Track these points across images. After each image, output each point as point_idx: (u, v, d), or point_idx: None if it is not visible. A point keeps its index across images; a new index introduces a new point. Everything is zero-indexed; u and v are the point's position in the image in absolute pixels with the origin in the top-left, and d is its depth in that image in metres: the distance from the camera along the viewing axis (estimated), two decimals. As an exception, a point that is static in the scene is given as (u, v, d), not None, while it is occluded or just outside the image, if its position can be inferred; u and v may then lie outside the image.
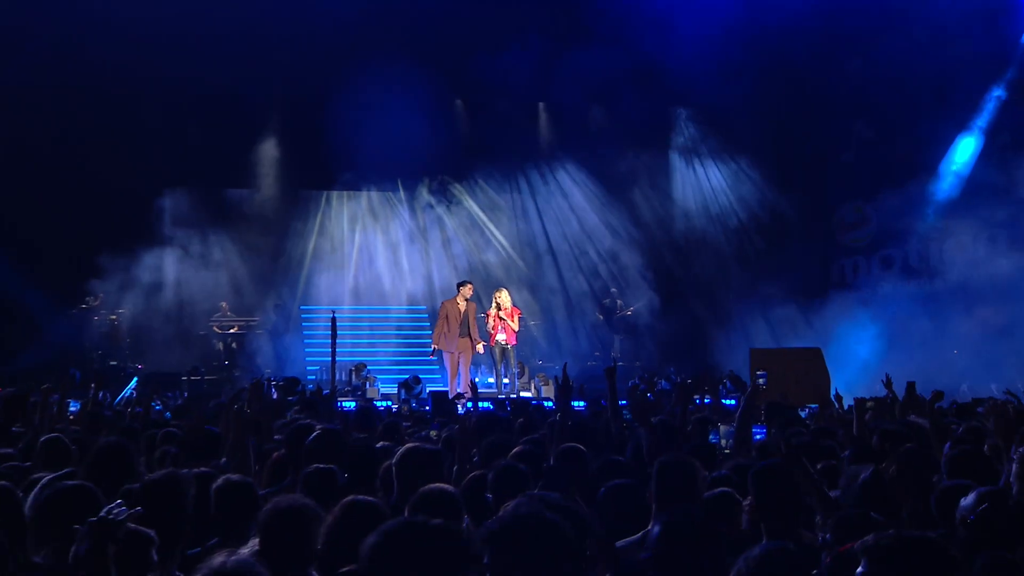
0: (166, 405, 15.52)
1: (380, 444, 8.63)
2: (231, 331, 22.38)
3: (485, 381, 21.02)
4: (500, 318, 20.03)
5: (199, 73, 21.45)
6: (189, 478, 6.19)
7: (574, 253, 24.75)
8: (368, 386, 20.22)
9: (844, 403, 11.77)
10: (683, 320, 23.78)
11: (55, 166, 21.37)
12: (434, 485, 5.82)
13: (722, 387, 17.88)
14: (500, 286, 21.21)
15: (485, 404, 17.23)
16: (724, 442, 8.85)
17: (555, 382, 9.49)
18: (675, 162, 25.35)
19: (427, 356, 22.69)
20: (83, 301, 22.08)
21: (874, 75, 23.06)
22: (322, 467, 6.53)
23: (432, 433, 9.91)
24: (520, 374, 20.99)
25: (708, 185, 25.08)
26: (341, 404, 16.30)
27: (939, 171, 24.32)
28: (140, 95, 21.71)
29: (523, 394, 19.96)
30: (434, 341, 19.94)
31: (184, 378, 20.70)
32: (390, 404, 16.77)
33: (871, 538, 3.97)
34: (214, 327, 22.44)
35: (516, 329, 20.32)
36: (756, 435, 8.61)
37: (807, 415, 12.27)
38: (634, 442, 8.69)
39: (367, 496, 6.16)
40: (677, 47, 22.01)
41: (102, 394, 15.74)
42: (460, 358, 19.91)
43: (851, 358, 19.57)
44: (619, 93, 23.60)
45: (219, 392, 16.83)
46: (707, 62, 22.11)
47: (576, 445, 7.24)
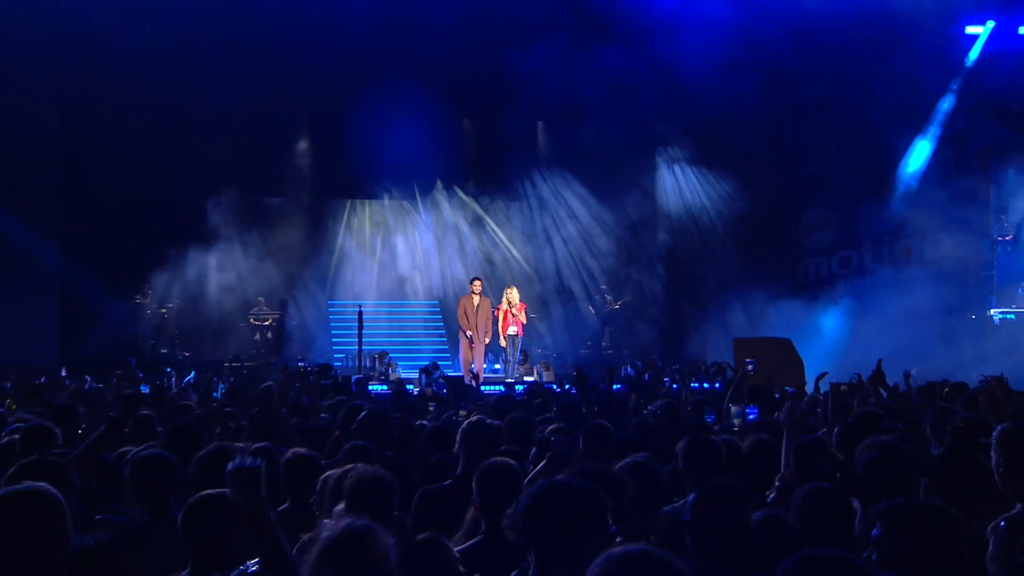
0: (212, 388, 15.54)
1: (418, 423, 8.78)
2: (267, 323, 22.40)
3: (492, 367, 21.18)
4: (512, 313, 20.27)
5: (239, 95, 21.62)
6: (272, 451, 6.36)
7: (569, 252, 24.70)
8: (390, 372, 20.27)
9: (820, 388, 11.84)
10: (668, 313, 23.87)
11: (117, 177, 21.37)
12: (498, 459, 5.67)
13: (703, 373, 17.96)
14: (510, 284, 21.42)
15: (498, 388, 17.51)
16: (738, 422, 8.87)
17: (576, 371, 9.57)
18: (659, 171, 25.25)
19: (443, 344, 22.98)
20: (136, 296, 22.11)
21: (835, 95, 23.13)
22: (359, 443, 6.58)
23: (461, 412, 9.93)
24: (523, 361, 21.09)
25: (689, 193, 24.95)
26: (370, 387, 16.45)
27: (893, 181, 24.45)
28: (190, 114, 21.80)
29: (526, 378, 20.03)
30: (469, 329, 20.20)
31: (226, 365, 20.80)
32: (412, 387, 16.79)
33: (884, 504, 3.97)
34: (252, 319, 22.47)
35: (524, 322, 20.56)
36: (749, 415, 8.69)
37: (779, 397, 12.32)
38: (638, 420, 8.83)
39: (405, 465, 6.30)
40: (661, 72, 22.10)
41: (164, 380, 15.92)
42: (474, 346, 20.14)
43: (816, 346, 19.67)
44: (608, 112, 23.62)
45: (262, 377, 16.85)
46: (687, 85, 22.18)
47: (604, 423, 7.29)
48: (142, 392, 10.50)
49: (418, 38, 22.63)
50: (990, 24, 24.18)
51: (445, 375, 18.78)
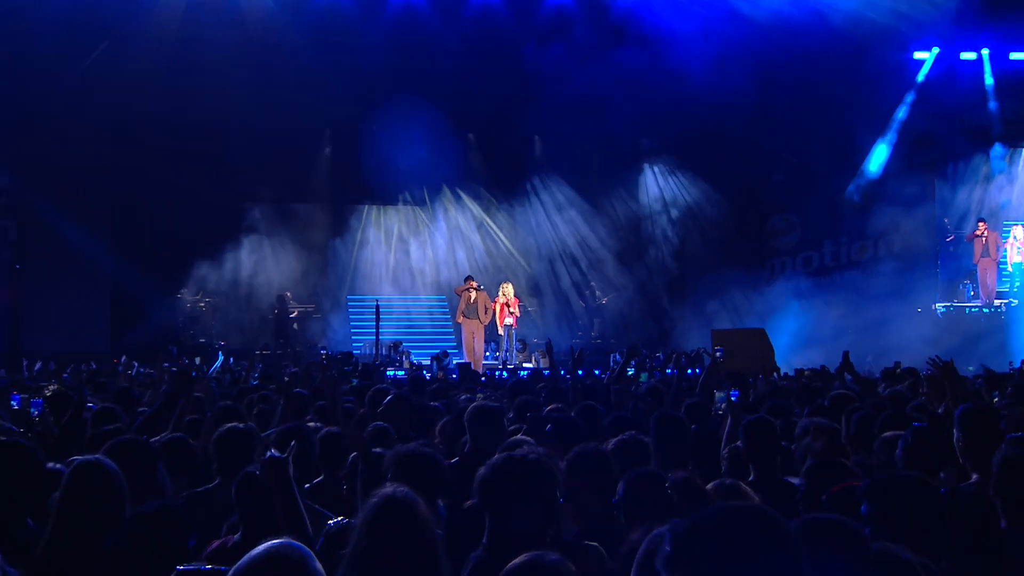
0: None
1: (433, 403, 8.75)
2: (293, 315, 22.37)
3: (493, 354, 21.23)
4: (507, 306, 20.36)
5: (270, 112, 21.56)
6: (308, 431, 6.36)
7: (562, 252, 24.67)
8: (404, 359, 20.29)
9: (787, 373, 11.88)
10: (651, 306, 23.89)
11: (162, 185, 21.41)
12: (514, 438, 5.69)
13: (684, 359, 17.94)
14: (505, 280, 21.51)
15: (498, 372, 17.56)
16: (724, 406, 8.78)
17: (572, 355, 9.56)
18: (644, 179, 25.27)
19: (450, 334, 22.96)
20: (178, 290, 22.11)
21: (800, 113, 23.12)
22: (380, 424, 6.54)
23: (479, 396, 9.91)
24: (521, 349, 21.14)
25: (670, 199, 24.96)
26: (387, 373, 16.49)
27: (851, 189, 24.56)
28: (227, 129, 21.75)
29: (525, 364, 20.08)
30: (456, 318, 20.55)
31: (257, 352, 20.73)
32: (425, 373, 16.80)
33: (868, 482, 3.91)
34: (279, 312, 22.47)
35: (518, 315, 20.66)
36: (733, 395, 8.65)
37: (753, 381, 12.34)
38: (633, 402, 8.83)
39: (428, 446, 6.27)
40: (645, 92, 22.15)
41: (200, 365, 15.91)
42: (474, 335, 20.19)
43: (782, 335, 19.72)
44: (597, 126, 23.63)
45: (289, 364, 16.84)
46: (669, 104, 22.24)
47: (592, 403, 7.29)
48: (189, 368, 10.44)
49: (427, 62, 22.64)
50: (935, 50, 24.29)
51: (456, 362, 18.84)
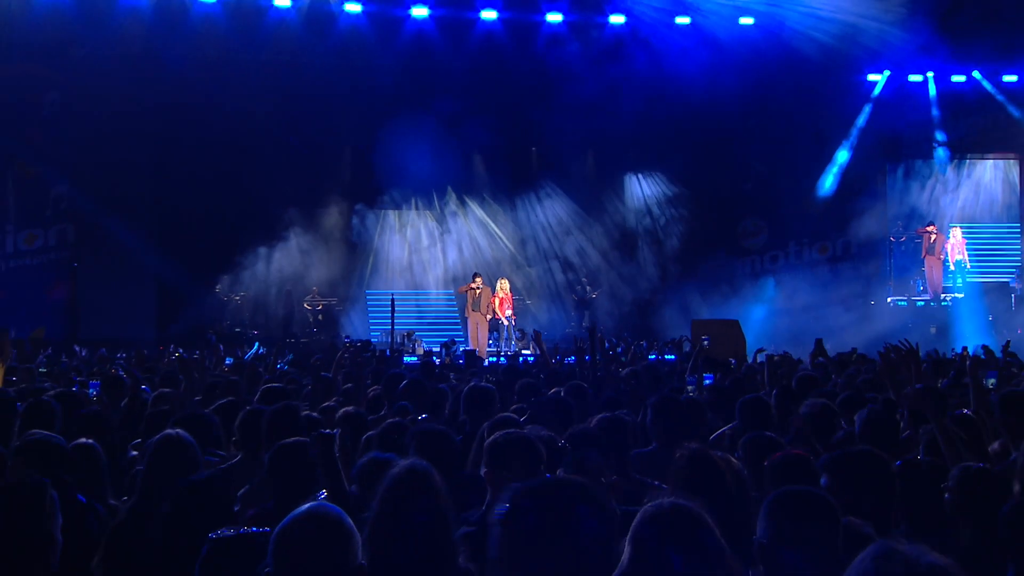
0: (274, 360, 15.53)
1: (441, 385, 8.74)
2: (319, 308, 22.35)
3: (496, 343, 21.26)
4: (504, 300, 20.58)
5: (296, 126, 21.69)
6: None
7: (556, 250, 24.61)
8: (416, 347, 20.29)
9: (758, 359, 11.87)
10: (636, 299, 23.89)
11: (200, 191, 21.32)
12: (504, 414, 5.62)
13: (667, 347, 18.00)
14: (503, 277, 21.61)
15: (501, 359, 17.58)
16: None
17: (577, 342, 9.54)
18: (630, 188, 25.28)
19: (456, 324, 22.97)
20: (215, 285, 22.12)
21: (767, 128, 23.21)
22: (401, 402, 6.58)
23: (487, 378, 9.92)
24: (520, 338, 21.15)
25: (654, 205, 24.97)
26: (404, 359, 16.48)
27: (812, 196, 24.63)
28: (259, 143, 21.75)
29: (524, 352, 20.10)
30: (465, 312, 20.82)
31: (287, 341, 20.76)
32: (435, 359, 16.81)
33: (827, 456, 3.93)
34: (306, 304, 22.41)
35: (512, 307, 20.89)
36: (706, 380, 8.68)
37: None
38: (616, 384, 8.80)
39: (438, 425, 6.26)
40: (631, 110, 22.20)
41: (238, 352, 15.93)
42: (478, 326, 20.27)
43: (753, 326, 19.76)
44: (587, 140, 23.73)
45: (316, 351, 16.84)
46: (652, 120, 22.34)
47: (581, 383, 7.30)
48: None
49: (436, 81, 22.71)
50: (886, 73, 24.40)
51: (462, 349, 18.85)
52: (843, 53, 22.64)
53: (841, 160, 24.63)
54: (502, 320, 20.76)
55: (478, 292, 20.29)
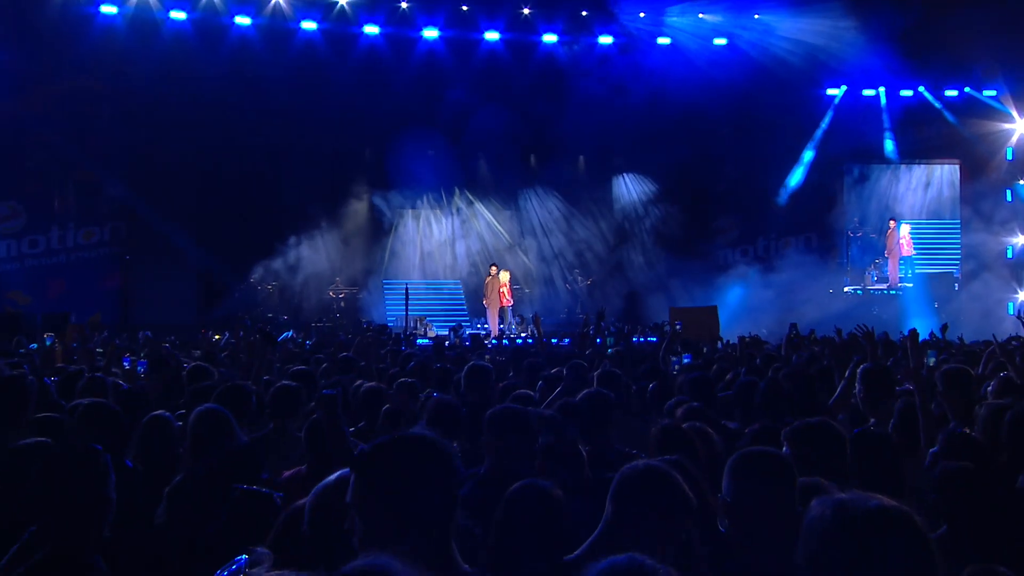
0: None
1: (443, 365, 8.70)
2: (341, 295, 22.36)
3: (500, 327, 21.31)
4: (504, 288, 20.73)
5: (321, 132, 21.62)
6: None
7: (551, 245, 24.55)
8: (427, 331, 20.31)
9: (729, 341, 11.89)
10: (624, 288, 23.90)
11: (235, 193, 21.41)
12: (520, 391, 5.78)
13: (650, 331, 18.00)
14: (504, 269, 21.63)
15: (504, 341, 17.59)
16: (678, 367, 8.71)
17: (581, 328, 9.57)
18: (617, 189, 25.25)
19: (463, 310, 23.02)
20: (250, 275, 22.13)
21: (739, 136, 23.18)
22: (407, 380, 6.60)
23: (487, 357, 9.95)
24: (520, 323, 21.18)
25: (638, 204, 24.94)
26: (418, 341, 16.50)
27: (778, 196, 24.64)
28: (288, 151, 21.83)
29: (523, 335, 20.12)
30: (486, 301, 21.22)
31: (312, 325, 20.77)
32: (445, 342, 16.80)
33: (788, 428, 3.84)
34: (331, 292, 22.41)
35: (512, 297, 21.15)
36: (684, 360, 8.69)
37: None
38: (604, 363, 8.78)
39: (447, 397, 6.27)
40: (619, 121, 22.25)
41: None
42: (490, 311, 20.75)
43: (726, 311, 19.78)
44: (580, 147, 23.75)
45: (339, 334, 16.87)
46: (637, 130, 22.37)
47: (579, 361, 7.25)
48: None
49: (446, 94, 22.65)
50: (843, 87, 24.44)
51: (468, 332, 18.91)
52: (806, 70, 22.75)
53: (804, 164, 24.63)
54: (504, 307, 20.91)
55: (487, 281, 20.88)
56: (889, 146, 24.57)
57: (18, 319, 17.58)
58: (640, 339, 16.11)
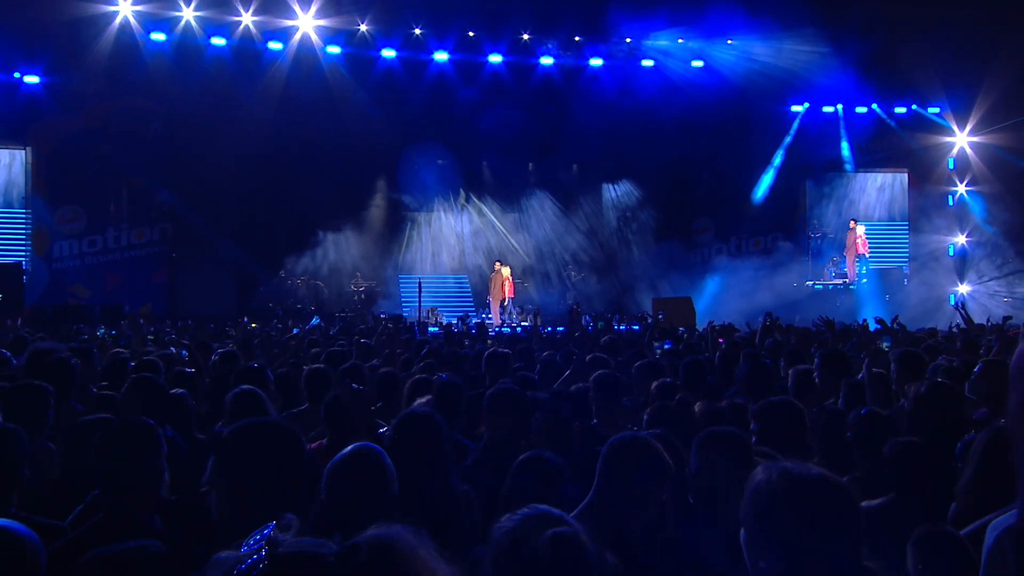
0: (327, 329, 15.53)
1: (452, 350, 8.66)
2: (361, 289, 22.34)
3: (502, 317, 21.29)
4: (505, 281, 20.71)
5: (342, 144, 21.54)
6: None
7: (547, 242, 24.46)
8: (438, 320, 20.24)
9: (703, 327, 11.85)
10: (612, 282, 23.87)
11: (269, 199, 21.46)
12: (528, 374, 5.75)
13: (636, 320, 17.94)
14: (505, 264, 21.54)
15: (506, 329, 17.57)
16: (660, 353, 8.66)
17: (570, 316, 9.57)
18: (606, 193, 25.18)
19: (470, 301, 22.99)
20: (281, 271, 22.12)
21: (713, 147, 23.12)
22: (427, 362, 6.61)
23: (488, 342, 9.90)
24: (520, 313, 21.14)
25: (624, 207, 24.86)
26: (428, 329, 16.45)
27: (749, 201, 24.61)
28: (313, 157, 21.68)
29: (523, 323, 20.09)
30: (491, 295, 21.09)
31: (336, 315, 20.74)
32: (454, 329, 16.75)
33: (756, 406, 3.89)
34: (352, 286, 22.40)
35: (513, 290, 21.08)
36: (666, 345, 8.70)
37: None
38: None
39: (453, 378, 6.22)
40: (608, 133, 22.20)
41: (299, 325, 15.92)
42: (493, 303, 20.75)
43: (702, 302, 19.77)
44: (573, 154, 23.70)
45: (359, 323, 16.84)
46: (625, 141, 22.35)
47: (572, 349, 7.38)
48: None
49: (453, 110, 22.59)
50: (806, 104, 24.45)
51: (475, 321, 18.85)
52: (773, 88, 22.79)
53: (771, 172, 24.62)
54: (506, 300, 20.84)
55: (491, 276, 20.72)
56: (847, 156, 24.62)
57: (77, 310, 17.73)
58: (623, 327, 16.08)
